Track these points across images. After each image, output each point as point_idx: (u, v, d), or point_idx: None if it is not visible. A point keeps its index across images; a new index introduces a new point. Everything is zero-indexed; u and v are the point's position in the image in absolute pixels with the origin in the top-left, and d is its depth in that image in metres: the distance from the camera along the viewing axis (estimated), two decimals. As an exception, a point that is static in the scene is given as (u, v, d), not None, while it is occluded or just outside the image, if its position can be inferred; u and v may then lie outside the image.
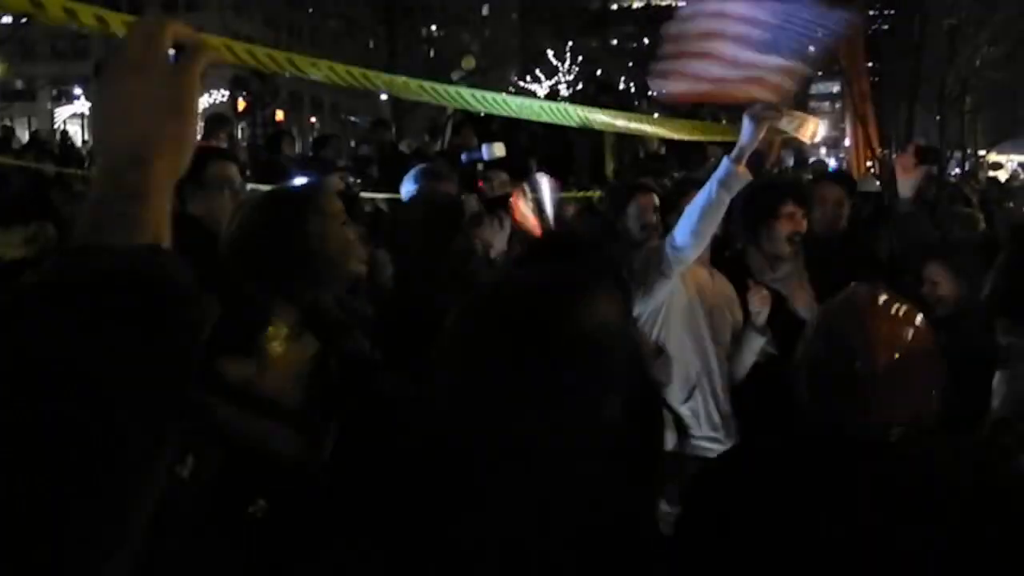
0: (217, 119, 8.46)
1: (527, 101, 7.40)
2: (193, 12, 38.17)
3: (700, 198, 3.46)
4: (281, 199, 2.29)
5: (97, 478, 0.73)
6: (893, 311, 2.01)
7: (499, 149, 7.24)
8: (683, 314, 3.67)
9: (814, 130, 3.72)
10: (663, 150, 8.71)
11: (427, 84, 3.79)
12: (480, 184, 5.26)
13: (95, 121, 0.99)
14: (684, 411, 3.57)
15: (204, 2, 41.61)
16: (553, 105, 5.49)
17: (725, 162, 3.45)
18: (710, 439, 3.65)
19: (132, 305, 0.79)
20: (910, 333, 1.99)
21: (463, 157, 7.79)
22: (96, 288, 0.79)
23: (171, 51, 1.01)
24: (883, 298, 2.07)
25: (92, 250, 0.84)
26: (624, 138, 9.81)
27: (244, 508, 1.82)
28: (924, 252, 3.59)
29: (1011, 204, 5.51)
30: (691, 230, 3.45)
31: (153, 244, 0.86)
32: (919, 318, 2.03)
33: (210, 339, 0.84)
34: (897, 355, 1.92)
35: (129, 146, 0.94)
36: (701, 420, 3.66)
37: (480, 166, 7.48)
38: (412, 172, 4.10)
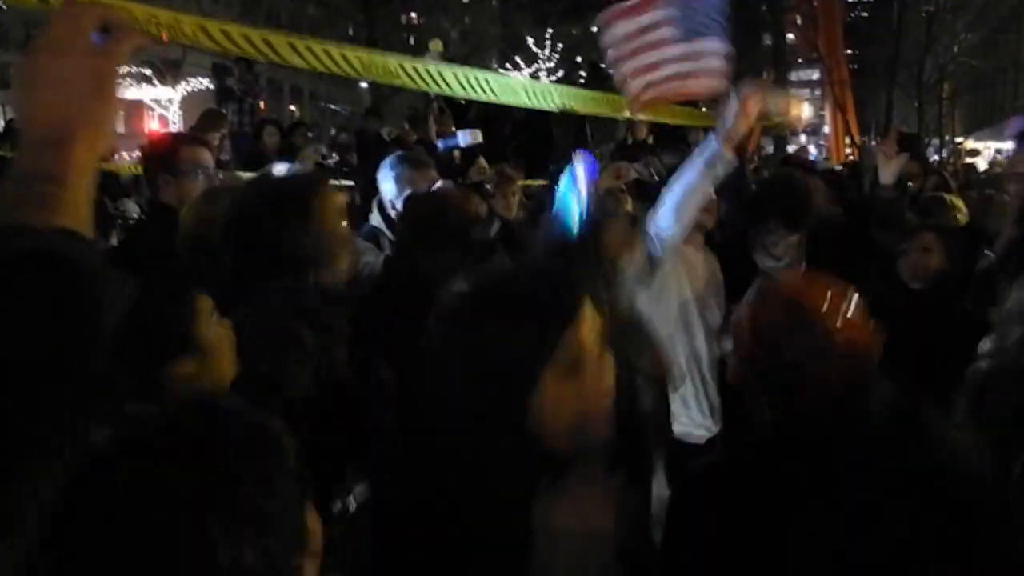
0: (213, 116, 8.29)
1: (510, 83, 7.34)
2: (169, -1, 37.72)
3: (683, 177, 3.27)
4: (288, 185, 2.21)
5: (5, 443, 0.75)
6: (823, 302, 1.96)
7: (476, 136, 7.21)
8: (672, 301, 3.59)
9: (799, 112, 3.73)
10: (651, 138, 8.64)
11: (407, 64, 3.74)
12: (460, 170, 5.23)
13: (17, 101, 1.00)
14: (674, 398, 3.47)
15: (181, -11, 41.14)
16: (538, 87, 5.46)
17: (712, 143, 3.23)
18: (699, 424, 3.64)
19: (46, 283, 0.82)
20: (841, 320, 1.94)
21: (440, 144, 7.73)
22: (13, 266, 0.82)
23: (98, 33, 1.02)
24: (808, 290, 2.02)
25: (12, 230, 0.87)
26: (597, 127, 9.78)
27: None
28: (922, 224, 3.78)
29: (991, 191, 5.45)
30: (672, 208, 3.29)
31: (68, 228, 0.89)
32: (848, 301, 2.00)
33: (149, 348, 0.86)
34: (839, 349, 1.88)
35: (49, 127, 0.95)
36: (691, 406, 3.63)
37: (457, 153, 7.44)
38: (389, 159, 4.06)
